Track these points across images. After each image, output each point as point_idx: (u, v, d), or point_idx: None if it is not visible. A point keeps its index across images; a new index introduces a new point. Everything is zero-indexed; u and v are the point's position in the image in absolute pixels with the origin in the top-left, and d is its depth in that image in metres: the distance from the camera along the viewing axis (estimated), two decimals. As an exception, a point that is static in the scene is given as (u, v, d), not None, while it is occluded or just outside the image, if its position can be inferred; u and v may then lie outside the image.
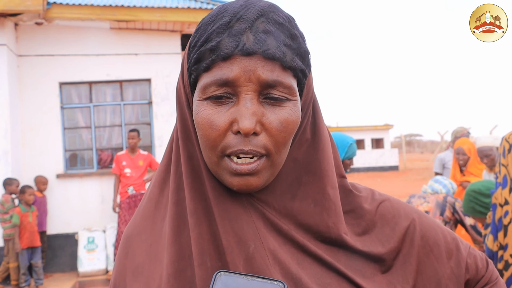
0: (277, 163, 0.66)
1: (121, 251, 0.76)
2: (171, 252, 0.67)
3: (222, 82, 0.63)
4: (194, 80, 0.67)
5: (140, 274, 0.70)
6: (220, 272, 0.60)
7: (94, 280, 6.30)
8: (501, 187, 2.58)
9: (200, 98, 0.65)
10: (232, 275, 0.60)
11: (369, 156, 28.21)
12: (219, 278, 0.59)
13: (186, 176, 0.69)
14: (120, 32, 7.08)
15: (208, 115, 0.64)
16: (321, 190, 0.70)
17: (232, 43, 0.62)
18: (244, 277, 0.59)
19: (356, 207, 0.75)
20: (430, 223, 0.79)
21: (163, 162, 0.75)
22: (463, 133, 5.51)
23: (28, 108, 6.82)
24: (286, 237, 0.68)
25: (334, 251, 0.70)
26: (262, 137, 0.63)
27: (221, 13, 0.65)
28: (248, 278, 0.59)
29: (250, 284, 0.59)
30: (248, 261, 0.64)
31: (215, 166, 0.66)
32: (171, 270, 0.66)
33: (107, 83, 7.18)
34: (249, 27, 0.62)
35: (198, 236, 0.66)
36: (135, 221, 0.77)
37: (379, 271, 0.72)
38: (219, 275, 0.59)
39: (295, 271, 0.66)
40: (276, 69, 0.63)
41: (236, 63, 0.62)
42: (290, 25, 0.66)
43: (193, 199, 0.67)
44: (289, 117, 0.65)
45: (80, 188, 6.98)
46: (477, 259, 0.80)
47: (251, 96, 0.63)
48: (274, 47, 0.62)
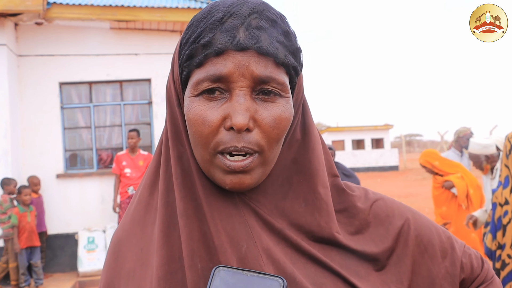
0: (269, 160, 0.66)
1: (110, 256, 0.74)
2: (161, 255, 0.66)
3: (216, 78, 0.62)
4: (186, 77, 0.66)
5: (131, 279, 0.69)
6: (219, 267, 0.59)
7: (94, 280, 6.29)
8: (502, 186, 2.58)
9: (192, 95, 0.65)
10: (231, 270, 0.59)
11: (369, 156, 28.20)
12: (217, 273, 0.58)
13: (176, 177, 0.68)
14: (120, 32, 7.08)
15: (201, 111, 0.63)
16: (312, 190, 0.70)
17: (225, 38, 0.61)
18: (244, 272, 0.59)
19: (349, 206, 0.74)
20: (424, 222, 0.78)
21: (153, 163, 0.74)
22: (465, 133, 5.50)
23: (28, 108, 6.82)
24: (279, 236, 0.68)
25: (328, 250, 0.69)
26: (255, 133, 0.63)
27: (213, 10, 0.64)
28: (248, 274, 0.58)
29: (249, 279, 0.58)
30: (241, 261, 0.64)
31: (207, 164, 0.65)
32: (162, 273, 0.65)
33: (107, 83, 7.18)
34: (242, 23, 0.62)
35: (188, 237, 0.64)
36: (124, 226, 0.75)
37: (373, 270, 0.71)
38: (218, 270, 0.59)
39: (289, 270, 0.65)
40: (269, 65, 0.63)
41: (229, 59, 0.62)
42: (283, 22, 0.66)
43: (183, 199, 0.66)
44: (282, 114, 0.64)
45: (80, 188, 6.98)
46: (472, 258, 0.80)
47: (244, 92, 0.62)
48: (267, 43, 0.62)
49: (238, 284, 0.57)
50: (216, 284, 0.58)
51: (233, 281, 0.58)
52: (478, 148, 4.17)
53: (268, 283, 0.57)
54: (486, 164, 4.14)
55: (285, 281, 0.57)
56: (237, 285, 0.57)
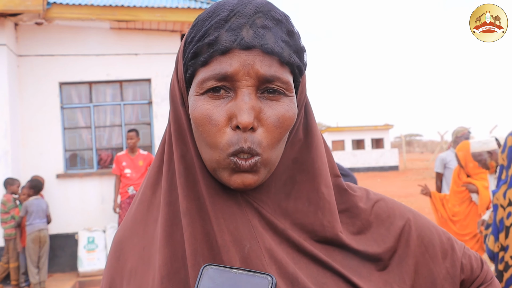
0: (273, 160, 0.66)
1: (112, 255, 0.75)
2: (164, 254, 0.66)
3: (221, 77, 0.62)
4: (190, 76, 0.66)
5: (133, 278, 0.69)
6: (207, 266, 0.59)
7: (94, 280, 6.29)
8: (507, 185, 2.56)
9: (197, 93, 0.65)
10: (219, 269, 0.58)
11: (369, 156, 28.20)
12: (206, 271, 0.58)
13: (179, 176, 0.68)
14: (120, 32, 7.08)
15: (207, 110, 0.63)
16: (315, 189, 0.70)
17: (231, 37, 0.62)
18: (232, 270, 0.58)
19: (351, 206, 0.74)
20: (425, 223, 0.78)
21: (155, 163, 0.74)
22: (463, 132, 5.48)
23: (28, 108, 6.82)
24: (282, 236, 0.68)
25: (330, 250, 0.70)
26: (259, 134, 0.63)
27: (218, 9, 0.65)
28: (236, 272, 0.58)
29: (237, 277, 0.58)
30: (244, 260, 0.64)
31: (215, 163, 0.64)
32: (164, 271, 0.65)
33: (107, 83, 7.18)
34: (248, 22, 0.62)
35: (191, 236, 0.64)
36: (126, 224, 0.75)
37: (375, 270, 0.71)
38: (206, 269, 0.58)
39: (291, 270, 0.65)
40: (274, 64, 0.63)
41: (235, 57, 0.62)
42: (287, 22, 0.66)
43: (186, 198, 0.66)
44: (286, 113, 0.64)
45: (80, 188, 6.98)
46: (472, 259, 0.80)
47: (249, 90, 0.62)
48: (272, 42, 0.62)
49: (226, 283, 0.57)
50: (204, 282, 0.58)
51: (221, 279, 0.57)
52: (479, 145, 4.15)
53: (257, 281, 0.57)
54: (491, 161, 4.11)
55: (274, 279, 0.57)
56: (225, 283, 0.57)
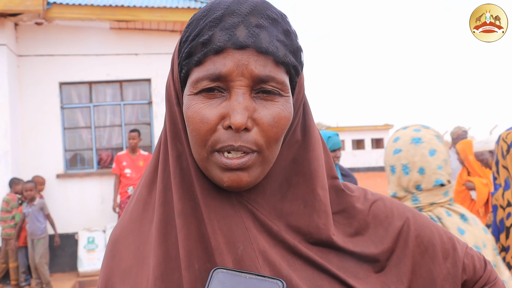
0: (268, 159, 0.65)
1: (108, 254, 0.74)
2: (157, 254, 0.65)
3: (215, 77, 0.62)
4: (185, 75, 0.66)
5: (127, 277, 0.69)
6: (217, 269, 0.58)
7: (94, 280, 6.29)
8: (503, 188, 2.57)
9: (191, 93, 0.64)
10: (229, 272, 0.58)
11: (369, 156, 28.21)
12: (216, 275, 0.58)
13: (174, 176, 0.67)
14: (120, 32, 7.08)
15: (199, 109, 0.63)
16: (311, 191, 0.69)
17: (224, 36, 0.61)
18: (242, 274, 0.58)
19: (348, 206, 0.73)
20: (425, 222, 0.77)
21: (152, 162, 0.74)
22: (458, 133, 5.52)
23: (28, 108, 6.82)
24: (276, 238, 0.67)
25: (326, 252, 0.69)
26: (254, 133, 0.62)
27: (213, 8, 0.64)
28: (246, 276, 0.58)
29: (247, 282, 0.57)
30: (237, 262, 0.63)
31: (204, 161, 0.64)
32: (158, 272, 0.64)
33: (107, 83, 7.18)
34: (242, 21, 0.62)
35: (185, 237, 0.64)
36: (122, 223, 0.75)
37: (372, 272, 0.70)
38: (216, 272, 0.58)
39: (286, 273, 0.64)
40: (268, 64, 0.62)
41: (229, 57, 0.61)
42: (283, 21, 0.65)
43: (180, 199, 0.66)
44: (281, 113, 0.64)
45: (80, 188, 6.98)
46: (475, 259, 0.79)
47: (243, 91, 0.62)
48: (267, 42, 0.61)
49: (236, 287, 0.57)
50: (214, 286, 0.57)
51: (231, 283, 0.57)
52: (480, 145, 4.15)
53: (267, 285, 0.56)
54: (492, 160, 4.11)
55: (284, 284, 0.56)
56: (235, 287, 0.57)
